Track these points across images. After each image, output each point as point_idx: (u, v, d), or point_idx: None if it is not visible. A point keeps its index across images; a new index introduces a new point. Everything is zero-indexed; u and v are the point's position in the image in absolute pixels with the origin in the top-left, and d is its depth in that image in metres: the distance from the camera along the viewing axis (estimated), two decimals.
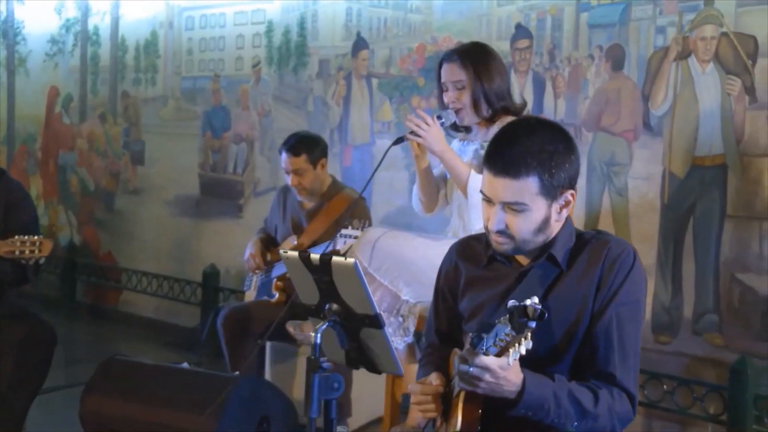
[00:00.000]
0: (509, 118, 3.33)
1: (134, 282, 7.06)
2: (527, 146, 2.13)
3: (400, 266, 3.28)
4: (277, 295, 4.53)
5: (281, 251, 1.97)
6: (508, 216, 2.16)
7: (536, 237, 2.18)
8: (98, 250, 7.47)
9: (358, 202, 4.45)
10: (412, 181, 5.26)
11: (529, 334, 1.82)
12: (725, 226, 4.00)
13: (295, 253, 1.90)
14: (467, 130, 3.52)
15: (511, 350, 1.85)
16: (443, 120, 3.42)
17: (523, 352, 1.85)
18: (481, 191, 2.21)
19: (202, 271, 6.31)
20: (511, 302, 1.82)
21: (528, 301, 1.82)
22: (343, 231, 4.05)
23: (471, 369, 1.93)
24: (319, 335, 1.84)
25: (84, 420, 3.97)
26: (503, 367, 1.94)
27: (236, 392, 3.67)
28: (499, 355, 1.91)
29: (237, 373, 4.02)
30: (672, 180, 4.16)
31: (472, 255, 2.35)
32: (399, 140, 3.46)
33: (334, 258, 1.82)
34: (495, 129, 3.36)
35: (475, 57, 3.43)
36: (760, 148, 3.91)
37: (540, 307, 1.80)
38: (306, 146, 4.50)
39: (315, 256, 1.85)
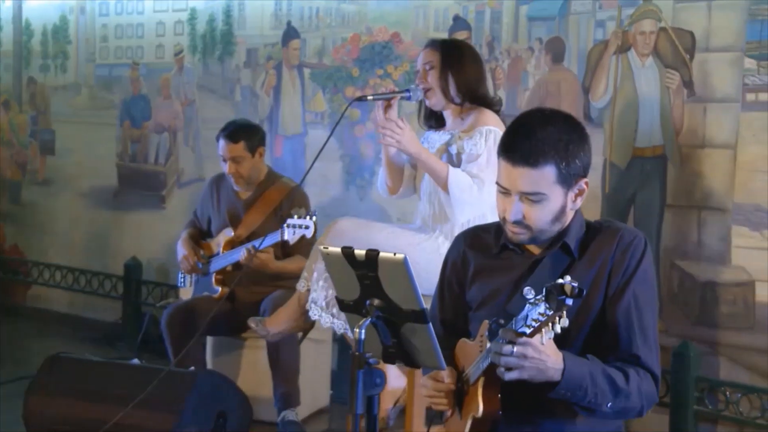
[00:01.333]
0: (484, 111, 3.37)
1: (46, 276, 6.82)
2: (544, 136, 2.17)
3: None
4: (219, 290, 4.46)
5: (321, 247, 1.95)
6: (525, 206, 2.19)
7: (552, 226, 2.23)
8: (3, 243, 7.19)
9: (296, 191, 4.42)
10: (347, 171, 5.31)
11: (565, 312, 1.86)
12: (665, 215, 4.14)
13: (338, 249, 1.89)
14: (440, 122, 3.54)
15: (544, 329, 1.89)
16: (410, 94, 3.45)
17: (558, 330, 1.90)
18: (497, 183, 2.23)
19: (122, 264, 6.14)
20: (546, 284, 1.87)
21: (560, 280, 1.87)
22: (290, 221, 4.03)
23: (515, 348, 1.94)
24: (363, 331, 1.83)
25: (28, 421, 3.86)
26: (544, 343, 1.98)
27: (195, 388, 3.62)
28: (531, 335, 1.94)
29: (193, 368, 3.95)
30: (613, 170, 4.28)
31: (481, 244, 2.38)
32: (360, 99, 3.54)
33: (382, 254, 1.82)
34: (469, 120, 3.40)
35: (448, 44, 3.54)
36: (698, 140, 4.06)
37: (577, 284, 1.84)
38: (245, 134, 4.45)
39: (360, 251, 1.84)
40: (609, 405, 2.12)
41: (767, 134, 3.87)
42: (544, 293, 1.87)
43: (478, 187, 3.25)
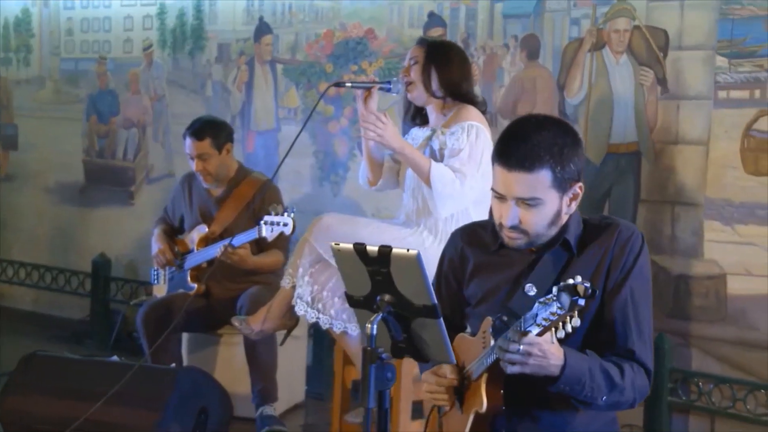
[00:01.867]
0: (467, 107, 3.41)
1: (9, 273, 6.73)
2: (539, 140, 2.19)
3: None
4: (196, 287, 4.45)
5: (332, 244, 1.96)
6: (521, 211, 2.21)
7: (549, 230, 2.25)
8: None
9: (267, 185, 4.42)
10: (320, 167, 5.32)
11: (576, 313, 1.90)
12: (639, 210, 4.21)
13: (350, 246, 1.90)
14: (425, 120, 3.57)
15: (554, 329, 1.93)
16: (391, 86, 3.49)
17: (569, 329, 1.94)
18: (492, 189, 2.25)
19: (90, 260, 6.09)
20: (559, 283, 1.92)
21: (571, 281, 1.90)
22: (267, 218, 4.01)
23: (521, 347, 1.99)
24: (375, 326, 1.85)
25: (5, 420, 3.81)
26: (548, 341, 2.03)
27: (177, 385, 3.62)
28: (541, 334, 1.98)
29: (173, 365, 3.94)
30: (588, 166, 4.33)
31: (478, 241, 2.40)
32: (338, 84, 3.62)
33: (395, 250, 1.84)
34: (451, 115, 3.43)
35: (436, 42, 3.59)
36: (672, 136, 4.14)
37: (589, 285, 1.88)
38: (210, 130, 4.44)
39: (372, 248, 1.86)
40: (604, 399, 2.17)
41: (738, 131, 3.95)
42: (556, 293, 1.91)
43: (460, 181, 3.28)
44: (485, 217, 2.43)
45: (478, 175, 3.28)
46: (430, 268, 3.12)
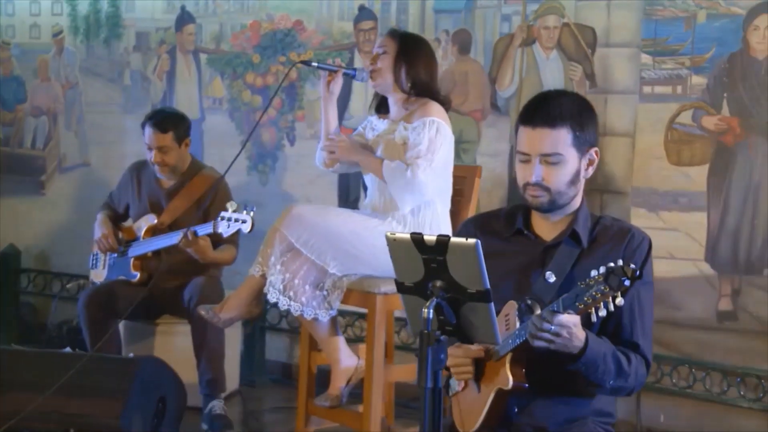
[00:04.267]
0: (430, 102, 3.54)
1: None
2: (560, 103, 2.42)
3: (328, 240, 3.40)
4: (138, 275, 4.43)
5: (387, 233, 2.05)
6: (544, 169, 2.39)
7: (569, 190, 2.43)
8: None
9: (220, 182, 4.46)
10: (248, 157, 5.35)
11: (620, 293, 2.08)
12: None
13: (407, 235, 2.00)
14: (386, 109, 3.68)
15: (594, 308, 2.11)
16: (356, 73, 3.64)
17: (612, 308, 2.11)
18: (517, 151, 2.43)
19: None
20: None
21: (620, 262, 2.07)
22: (224, 214, 4.00)
23: (553, 327, 2.16)
24: (431, 310, 1.97)
25: None
26: (576, 324, 2.19)
27: (138, 375, 3.63)
28: (580, 312, 2.15)
29: (132, 354, 3.93)
30: None
31: (492, 229, 2.54)
32: (305, 62, 3.80)
33: (453, 239, 1.95)
34: (413, 109, 3.56)
35: (407, 35, 3.70)
36: (600, 129, 4.34)
37: (635, 266, 2.06)
38: (173, 124, 4.43)
39: (430, 237, 1.97)
40: (611, 382, 2.37)
41: (662, 124, 4.23)
42: (605, 273, 2.08)
43: (412, 172, 3.39)
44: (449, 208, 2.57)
45: (430, 168, 3.42)
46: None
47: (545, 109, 2.40)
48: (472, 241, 1.97)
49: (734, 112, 4.06)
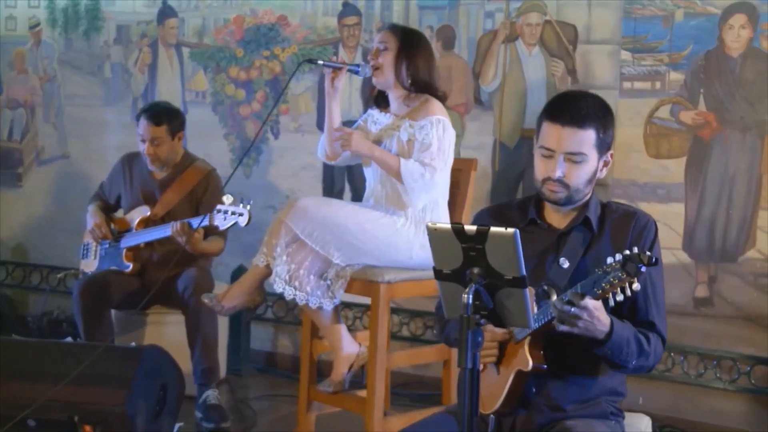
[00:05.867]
0: (431, 100, 3.64)
1: None
2: (587, 104, 2.51)
3: (332, 232, 3.49)
4: (131, 266, 4.48)
5: (428, 224, 2.15)
6: (567, 166, 2.49)
7: (585, 188, 2.55)
8: None
9: (212, 174, 4.53)
10: (231, 150, 5.42)
11: (636, 279, 2.21)
12: None
13: (447, 226, 2.11)
14: (386, 101, 3.77)
15: (612, 293, 2.23)
16: (359, 69, 3.69)
17: (629, 293, 2.23)
18: (541, 146, 2.52)
19: None
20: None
21: (636, 249, 2.19)
22: (221, 207, 4.07)
23: (573, 309, 2.27)
24: (471, 296, 2.09)
25: None
26: (597, 308, 2.31)
27: (142, 363, 3.70)
28: (599, 297, 2.27)
29: (133, 343, 3.99)
30: (503, 149, 4.70)
31: (507, 219, 2.63)
32: (310, 61, 3.77)
33: (493, 229, 2.06)
34: (415, 106, 3.66)
35: (408, 30, 3.78)
36: None
37: (651, 253, 2.19)
38: (168, 117, 4.48)
39: (470, 227, 2.09)
40: (633, 362, 2.50)
41: (641, 118, 4.40)
42: (621, 260, 2.20)
43: (430, 174, 3.52)
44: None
45: (446, 168, 3.58)
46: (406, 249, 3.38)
47: (574, 109, 2.48)
48: (510, 230, 2.08)
49: (710, 107, 4.24)
